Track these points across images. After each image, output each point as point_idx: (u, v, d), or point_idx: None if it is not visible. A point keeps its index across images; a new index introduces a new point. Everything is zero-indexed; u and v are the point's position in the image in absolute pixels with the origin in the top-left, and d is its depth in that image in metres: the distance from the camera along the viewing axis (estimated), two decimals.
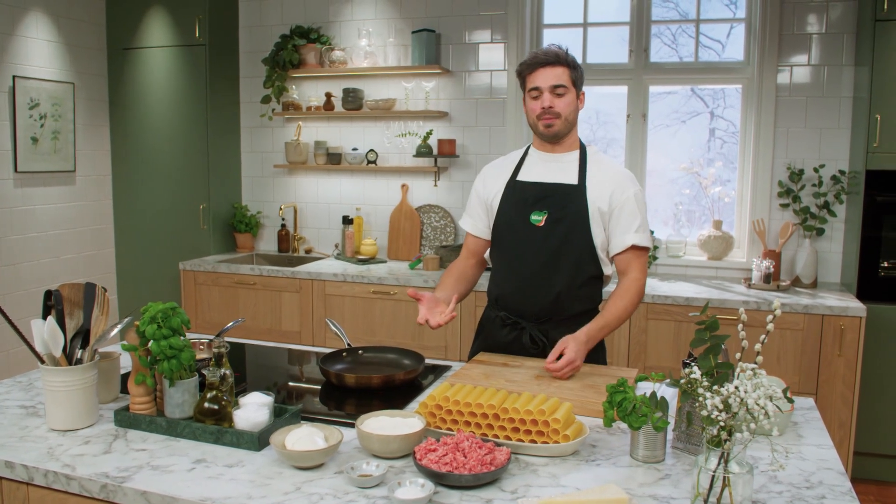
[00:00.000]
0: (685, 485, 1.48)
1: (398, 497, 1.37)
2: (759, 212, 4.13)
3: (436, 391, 1.74)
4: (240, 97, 5.04)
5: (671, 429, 1.70)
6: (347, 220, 4.73)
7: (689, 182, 4.44)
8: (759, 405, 1.23)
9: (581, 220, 2.25)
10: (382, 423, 1.65)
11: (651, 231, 4.29)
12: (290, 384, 2.22)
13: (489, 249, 2.46)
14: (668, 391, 1.97)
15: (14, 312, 4.21)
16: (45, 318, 1.72)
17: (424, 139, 4.52)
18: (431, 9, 4.57)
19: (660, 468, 1.56)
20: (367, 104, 4.63)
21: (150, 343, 1.70)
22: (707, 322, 1.42)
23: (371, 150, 4.70)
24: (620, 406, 1.58)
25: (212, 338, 2.34)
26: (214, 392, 1.69)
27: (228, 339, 2.51)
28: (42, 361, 1.73)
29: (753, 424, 1.24)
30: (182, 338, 1.73)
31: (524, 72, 2.28)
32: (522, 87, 2.32)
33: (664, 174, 4.48)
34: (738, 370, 1.30)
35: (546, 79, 2.23)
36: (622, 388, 1.61)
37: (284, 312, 4.37)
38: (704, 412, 1.28)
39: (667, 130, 4.43)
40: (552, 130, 2.26)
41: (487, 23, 4.49)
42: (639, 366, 3.76)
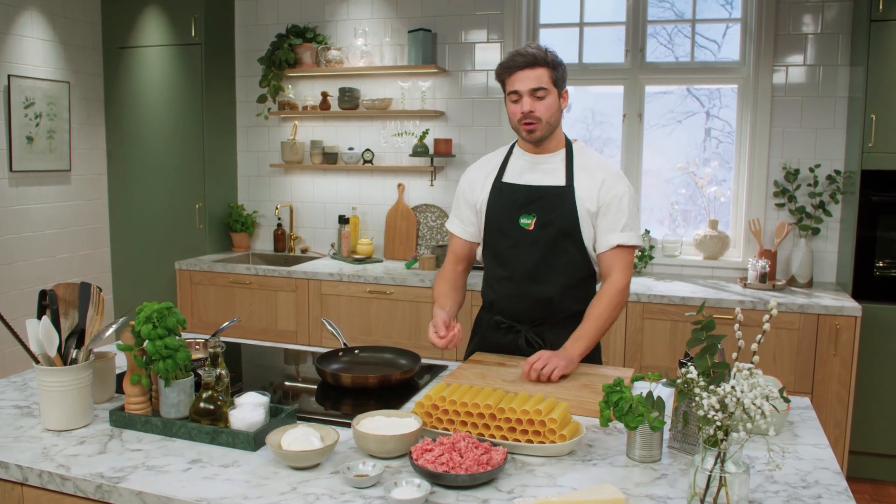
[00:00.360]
0: (682, 484, 1.48)
1: (394, 497, 1.37)
2: (755, 211, 4.14)
3: (432, 391, 1.73)
4: (236, 96, 5.03)
5: (667, 428, 1.70)
6: (343, 220, 4.73)
7: (685, 182, 4.44)
8: (756, 405, 1.23)
9: (571, 223, 2.22)
10: (379, 423, 1.65)
11: (647, 231, 4.31)
12: (286, 384, 2.21)
13: (480, 251, 2.42)
14: (665, 391, 1.98)
15: (9, 312, 4.21)
16: (40, 318, 1.72)
17: (421, 139, 4.51)
18: (428, 8, 4.57)
19: (656, 468, 1.56)
20: (364, 104, 4.63)
21: (146, 343, 1.69)
22: (703, 322, 1.42)
23: (367, 150, 4.69)
24: (617, 406, 1.58)
25: (207, 337, 2.34)
26: (210, 392, 1.69)
27: (224, 339, 2.51)
28: (37, 361, 1.73)
29: (750, 424, 1.24)
30: (178, 338, 1.73)
31: (503, 74, 2.21)
32: (503, 89, 2.25)
33: (660, 174, 4.48)
34: (735, 370, 1.31)
35: (525, 82, 2.15)
36: (619, 388, 1.61)
37: (280, 312, 4.36)
38: (701, 412, 1.28)
39: (663, 130, 4.43)
40: (534, 136, 2.21)
41: (484, 22, 4.48)
42: (635, 365, 3.77)
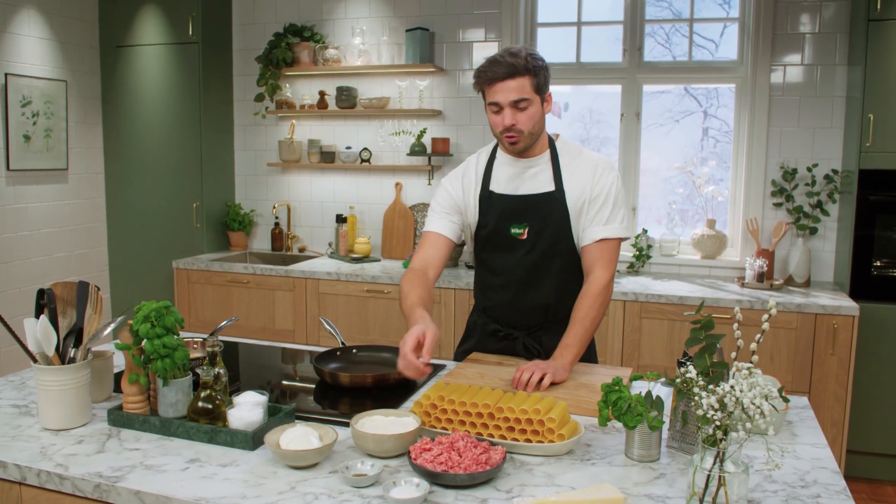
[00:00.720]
0: (680, 484, 1.48)
1: (393, 497, 1.37)
2: (753, 211, 4.14)
3: (430, 390, 1.73)
4: (233, 95, 5.02)
5: (666, 428, 1.70)
6: (341, 219, 4.72)
7: (683, 181, 4.45)
8: (755, 404, 1.23)
9: (563, 228, 2.18)
10: (377, 423, 1.65)
11: (644, 231, 4.31)
12: (284, 383, 2.21)
13: (473, 257, 2.36)
14: (663, 390, 1.98)
15: (6, 311, 4.20)
16: (38, 317, 1.72)
17: (418, 138, 4.51)
18: (425, 7, 4.56)
19: (655, 467, 1.56)
20: (361, 103, 4.62)
21: (144, 342, 1.69)
22: (702, 321, 1.42)
23: (365, 149, 4.69)
24: (616, 405, 1.58)
25: (206, 336, 2.33)
26: (208, 391, 1.69)
27: (221, 338, 2.51)
28: (35, 360, 1.72)
29: (749, 424, 1.24)
30: (176, 337, 1.72)
31: (481, 85, 2.09)
32: (482, 98, 2.13)
33: (658, 173, 4.48)
34: (734, 369, 1.31)
35: (505, 94, 2.04)
36: (617, 388, 1.61)
37: (278, 311, 4.36)
38: (700, 411, 1.28)
39: (660, 129, 4.43)
40: (517, 148, 2.13)
41: (481, 21, 4.48)
42: (632, 365, 3.77)
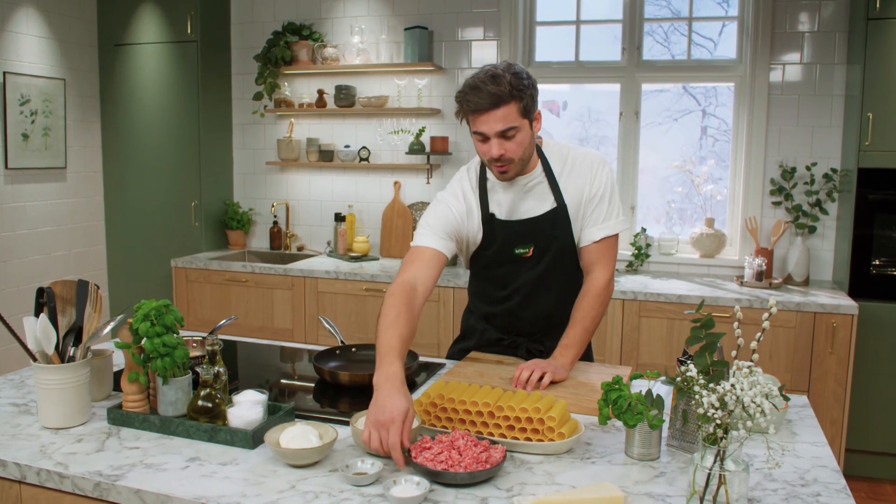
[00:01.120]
0: (680, 482, 1.48)
1: (394, 495, 1.37)
2: (752, 210, 4.14)
3: (430, 389, 1.73)
4: (231, 94, 5.01)
5: (666, 426, 1.70)
6: (340, 218, 4.72)
7: (682, 180, 4.45)
8: (756, 403, 1.23)
9: (567, 241, 2.15)
10: None
11: (643, 229, 4.31)
12: (283, 382, 2.21)
13: (469, 266, 2.29)
14: (663, 389, 1.98)
15: (4, 310, 4.20)
16: (38, 316, 1.71)
17: (417, 136, 4.51)
18: (424, 6, 4.56)
19: (655, 466, 1.56)
20: (360, 101, 4.62)
21: (144, 341, 1.69)
22: (702, 320, 1.42)
23: (363, 148, 4.68)
24: (616, 404, 1.58)
25: (205, 335, 2.33)
26: (208, 390, 1.68)
27: (220, 337, 2.50)
28: (34, 359, 1.72)
29: (750, 422, 1.24)
30: (175, 335, 1.72)
31: (465, 114, 1.95)
32: (467, 124, 1.99)
33: (656, 172, 4.48)
34: (735, 368, 1.31)
35: (491, 125, 1.90)
36: (617, 386, 1.61)
37: (277, 310, 4.36)
38: (701, 410, 1.28)
39: (659, 128, 4.43)
40: (508, 177, 2.03)
41: (480, 20, 4.48)
42: (631, 363, 3.77)
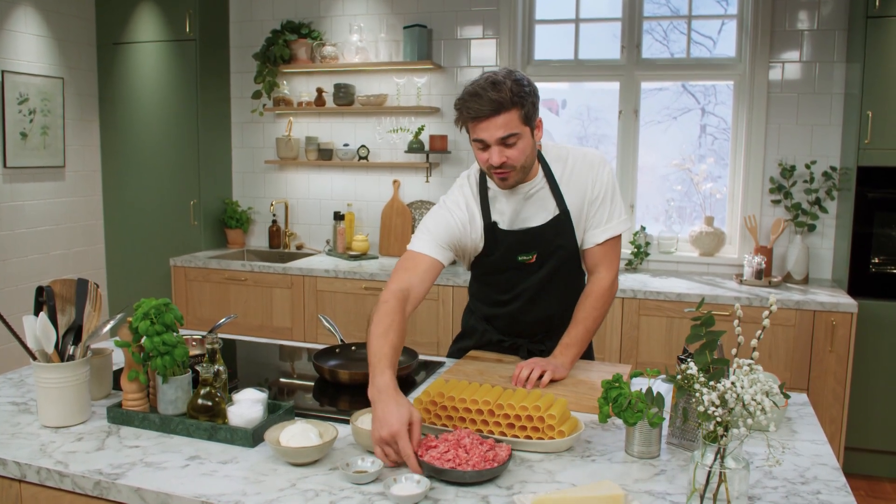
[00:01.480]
0: (680, 480, 1.48)
1: (394, 493, 1.36)
2: (751, 208, 4.14)
3: (430, 387, 1.73)
4: (230, 92, 5.01)
5: (666, 424, 1.70)
6: (339, 216, 4.71)
7: (681, 178, 4.45)
8: (756, 401, 1.23)
9: (571, 247, 2.14)
10: None
11: (643, 228, 4.31)
12: (282, 380, 2.21)
13: (469, 269, 2.28)
14: (662, 386, 1.98)
15: (4, 309, 4.19)
16: (37, 315, 1.71)
17: (416, 135, 4.50)
18: (423, 4, 4.56)
19: (655, 464, 1.56)
20: (359, 100, 4.61)
21: (144, 339, 1.69)
22: (703, 318, 1.42)
23: (362, 146, 4.68)
24: (616, 402, 1.58)
25: (204, 334, 2.33)
26: (208, 388, 1.68)
27: (219, 336, 2.50)
28: (34, 358, 1.72)
29: (750, 420, 1.24)
30: (175, 334, 1.72)
31: (464, 121, 1.91)
32: (466, 132, 1.95)
33: (655, 170, 4.48)
34: (735, 366, 1.31)
35: (492, 132, 1.87)
36: (618, 384, 1.61)
37: (276, 309, 4.35)
38: (701, 408, 1.28)
39: (658, 127, 4.43)
40: (508, 185, 1.99)
41: (479, 18, 4.48)
42: (630, 362, 3.77)
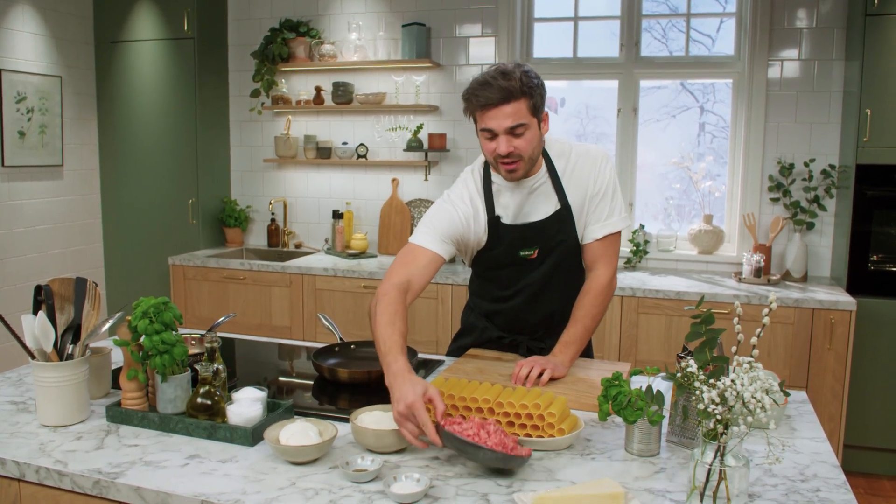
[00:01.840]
0: (680, 478, 1.48)
1: (394, 492, 1.36)
2: (750, 206, 4.15)
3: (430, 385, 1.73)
4: (229, 91, 5.00)
5: (666, 422, 1.70)
6: (337, 215, 4.71)
7: (680, 176, 4.45)
8: (756, 398, 1.23)
9: (572, 243, 2.14)
10: (376, 418, 1.64)
11: (642, 226, 4.31)
12: (281, 379, 2.20)
13: (470, 265, 2.27)
14: (662, 384, 1.98)
15: (2, 308, 4.19)
16: (36, 314, 1.71)
17: (415, 133, 4.50)
18: (422, 2, 4.55)
19: (655, 462, 1.56)
20: (357, 98, 4.61)
21: (143, 338, 1.69)
22: (703, 316, 1.42)
23: (361, 145, 4.68)
24: (616, 400, 1.58)
25: (204, 332, 2.33)
26: (207, 387, 1.68)
27: (218, 335, 2.50)
28: (33, 357, 1.71)
29: (750, 418, 1.24)
30: (174, 333, 1.72)
31: (472, 110, 1.92)
32: (474, 122, 1.97)
33: (654, 168, 4.48)
34: (735, 364, 1.31)
35: (500, 120, 1.87)
36: (617, 382, 1.61)
37: (274, 307, 4.35)
38: (701, 405, 1.28)
39: (657, 125, 4.43)
40: (516, 176, 1.99)
41: (478, 17, 4.47)
42: (630, 360, 3.77)
